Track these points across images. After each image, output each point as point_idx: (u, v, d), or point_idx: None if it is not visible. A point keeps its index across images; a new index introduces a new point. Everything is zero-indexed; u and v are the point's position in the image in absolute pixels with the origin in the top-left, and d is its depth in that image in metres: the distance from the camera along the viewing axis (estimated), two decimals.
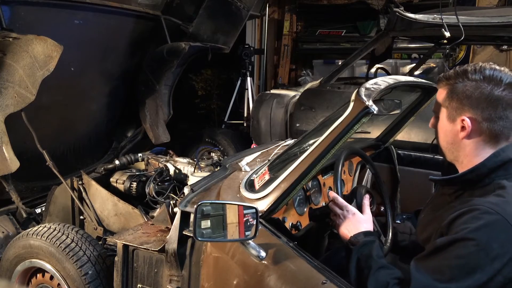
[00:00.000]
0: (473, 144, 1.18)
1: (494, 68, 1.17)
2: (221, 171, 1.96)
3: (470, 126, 1.16)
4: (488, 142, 1.17)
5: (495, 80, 1.14)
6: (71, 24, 2.81)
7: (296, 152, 1.69)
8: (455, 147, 1.22)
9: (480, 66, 1.18)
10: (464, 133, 1.18)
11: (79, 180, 2.47)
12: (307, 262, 1.29)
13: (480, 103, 1.14)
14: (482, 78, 1.15)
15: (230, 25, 3.82)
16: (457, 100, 1.18)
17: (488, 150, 1.17)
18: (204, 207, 1.28)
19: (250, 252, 1.34)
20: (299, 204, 1.81)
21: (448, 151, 1.26)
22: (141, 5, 3.19)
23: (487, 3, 4.91)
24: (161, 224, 1.87)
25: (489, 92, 1.14)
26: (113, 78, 3.43)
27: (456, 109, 1.19)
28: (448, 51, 3.75)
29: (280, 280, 1.31)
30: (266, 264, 1.34)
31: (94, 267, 2.02)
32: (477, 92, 1.15)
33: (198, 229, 1.27)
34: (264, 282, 1.33)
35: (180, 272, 1.61)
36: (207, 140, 4.16)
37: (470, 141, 1.18)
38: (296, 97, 3.72)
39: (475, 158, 1.19)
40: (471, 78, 1.16)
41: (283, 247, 1.36)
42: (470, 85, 1.16)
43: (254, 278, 1.36)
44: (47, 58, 2.28)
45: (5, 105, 2.35)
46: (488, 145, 1.17)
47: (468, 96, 1.16)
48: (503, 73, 1.16)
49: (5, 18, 2.34)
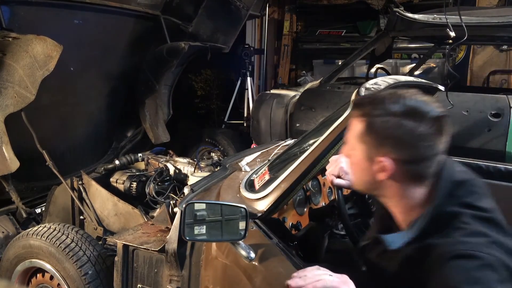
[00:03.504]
0: (396, 185, 1.04)
1: (416, 99, 1.01)
2: (221, 171, 1.97)
3: (391, 168, 1.01)
4: (413, 182, 1.03)
5: (419, 115, 0.98)
6: (71, 24, 2.81)
7: (296, 152, 1.69)
8: (374, 186, 1.08)
9: (400, 96, 1.02)
10: (384, 175, 1.03)
11: (79, 180, 2.47)
12: (292, 264, 1.25)
13: (402, 143, 0.99)
14: (404, 112, 0.99)
15: (230, 25, 3.82)
16: (376, 138, 1.02)
17: (414, 189, 1.03)
18: (193, 207, 1.26)
19: (240, 252, 1.32)
20: (299, 204, 1.81)
21: (366, 189, 1.13)
22: (141, 5, 3.18)
23: (487, 3, 4.91)
24: (161, 224, 1.87)
25: (412, 130, 0.98)
26: (113, 78, 3.43)
27: (375, 147, 1.03)
28: (448, 51, 3.74)
29: (265, 281, 1.28)
30: (255, 265, 1.32)
31: (94, 267, 2.02)
32: (398, 130, 0.99)
33: (187, 229, 1.26)
34: (252, 283, 1.31)
35: (180, 272, 1.61)
36: (207, 140, 4.16)
37: (393, 182, 1.04)
38: (296, 97, 3.72)
39: (403, 200, 1.05)
40: (391, 111, 1.00)
41: (272, 247, 1.34)
42: (391, 121, 0.99)
43: (244, 279, 1.35)
44: (46, 58, 2.28)
45: (5, 105, 2.34)
46: (413, 185, 1.03)
47: (389, 134, 1.00)
48: (427, 105, 1.00)
49: (5, 18, 2.34)
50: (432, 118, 0.98)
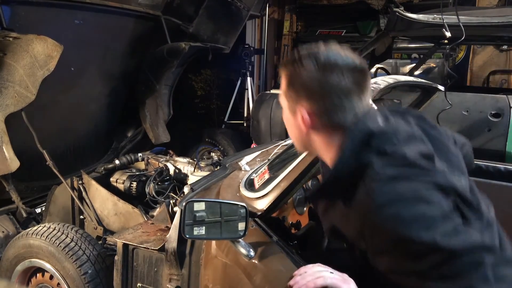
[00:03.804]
0: (319, 136, 1.06)
1: (329, 51, 1.02)
2: (221, 170, 1.97)
3: (309, 119, 1.03)
4: (334, 133, 1.03)
5: (330, 66, 1.00)
6: (71, 24, 2.81)
7: (296, 152, 1.69)
8: (305, 142, 1.10)
9: (313, 50, 1.03)
10: (305, 126, 1.05)
11: (79, 180, 2.47)
12: (293, 262, 1.25)
13: (314, 94, 1.01)
14: (316, 65, 1.00)
15: (230, 25, 3.82)
16: (294, 91, 1.05)
17: (336, 139, 1.03)
18: (193, 205, 1.26)
19: (239, 250, 1.32)
20: (299, 203, 1.81)
21: (302, 146, 1.14)
22: (141, 5, 3.19)
23: (487, 3, 4.91)
24: (161, 224, 1.87)
25: (323, 81, 1.00)
26: (113, 78, 3.43)
27: (294, 101, 1.06)
28: (448, 51, 3.74)
29: (265, 279, 1.28)
30: (255, 263, 1.32)
31: (94, 267, 2.02)
32: (311, 82, 1.01)
33: (187, 227, 1.26)
34: (252, 281, 1.31)
35: (180, 271, 1.61)
36: (207, 140, 4.16)
37: (315, 133, 1.06)
38: None
39: (328, 150, 1.06)
40: (305, 64, 1.01)
41: (272, 246, 1.34)
42: (304, 73, 1.02)
43: (244, 276, 1.35)
44: (47, 58, 2.29)
45: (5, 105, 2.35)
46: (334, 135, 1.03)
47: (303, 86, 1.03)
48: (339, 56, 1.01)
49: (6, 17, 2.34)
50: (347, 69, 0.99)
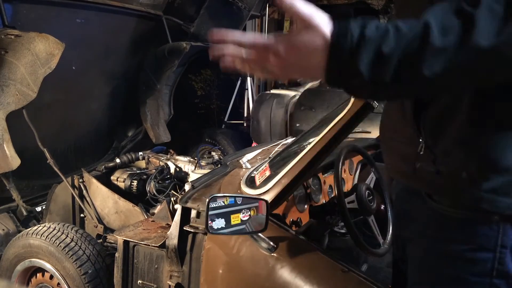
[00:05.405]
0: None
1: None
2: (222, 168, 1.97)
3: None
4: None
5: None
6: (73, 23, 2.82)
7: (296, 150, 1.70)
8: None
9: None
10: None
11: (80, 178, 2.47)
12: (322, 253, 1.31)
13: None
14: None
15: (231, 26, 3.83)
16: None
17: None
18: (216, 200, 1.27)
19: (260, 245, 1.35)
20: (299, 201, 1.81)
21: None
22: (143, 5, 3.20)
23: None
24: (161, 221, 1.88)
25: None
26: (115, 77, 3.44)
27: None
28: None
29: (295, 270, 1.30)
30: (277, 257, 1.34)
31: (94, 266, 2.02)
32: None
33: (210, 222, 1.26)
34: (277, 274, 1.32)
35: (180, 268, 1.61)
36: (207, 140, 4.17)
37: None
38: (296, 97, 3.73)
39: None
40: None
41: (293, 239, 1.37)
42: None
43: (265, 270, 1.36)
44: (49, 56, 2.29)
45: (7, 103, 2.35)
46: None
47: None
48: None
49: (7, 15, 2.35)
50: None
